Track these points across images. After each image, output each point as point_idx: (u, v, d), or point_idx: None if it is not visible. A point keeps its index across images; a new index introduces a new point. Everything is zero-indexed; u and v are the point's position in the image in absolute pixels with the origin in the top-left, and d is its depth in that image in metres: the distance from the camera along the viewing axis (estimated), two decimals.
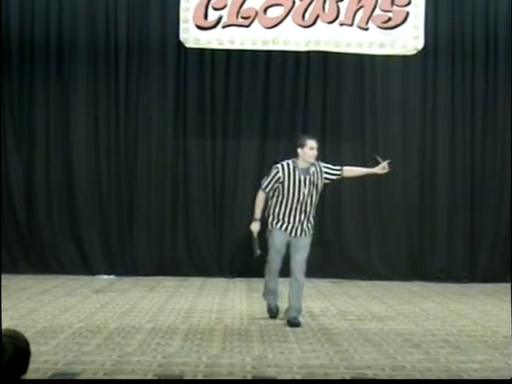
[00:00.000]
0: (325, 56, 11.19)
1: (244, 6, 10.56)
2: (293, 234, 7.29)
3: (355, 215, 11.60)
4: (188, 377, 5.18)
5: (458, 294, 10.14)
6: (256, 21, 10.54)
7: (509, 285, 10.82)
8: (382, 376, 5.33)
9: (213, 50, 11.07)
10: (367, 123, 11.63)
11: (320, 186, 7.34)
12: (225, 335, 6.81)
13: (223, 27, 10.56)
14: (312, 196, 7.27)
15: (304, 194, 7.22)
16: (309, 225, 7.33)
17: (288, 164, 7.30)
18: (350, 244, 11.52)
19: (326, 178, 7.41)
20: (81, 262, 11.37)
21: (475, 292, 10.35)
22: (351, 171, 7.79)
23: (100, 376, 5.15)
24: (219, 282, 10.77)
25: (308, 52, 11.02)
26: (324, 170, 7.38)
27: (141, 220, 11.48)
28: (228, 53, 11.23)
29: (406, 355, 6.02)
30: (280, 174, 7.26)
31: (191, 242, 11.54)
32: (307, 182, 7.24)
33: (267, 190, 7.32)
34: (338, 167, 7.52)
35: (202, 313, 8.13)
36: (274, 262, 7.36)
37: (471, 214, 11.60)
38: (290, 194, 7.23)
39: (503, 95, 11.51)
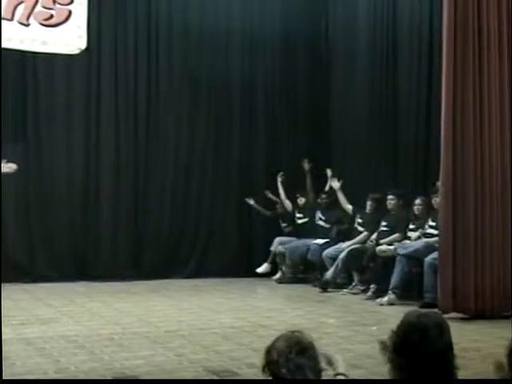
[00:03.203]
0: None
1: None
2: None
3: (17, 217, 11.25)
4: None
5: (123, 292, 10.26)
6: None
7: (170, 281, 11.31)
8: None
9: None
10: (29, 122, 11.37)
11: None
12: None
13: None
14: None
15: None
16: None
17: None
18: (11, 247, 11.11)
19: None
20: None
21: (139, 289, 10.56)
22: None
23: None
24: None
25: None
26: None
27: None
28: None
29: (70, 357, 5.99)
30: None
31: None
32: None
33: None
34: None
35: None
36: None
37: (135, 213, 11.82)
38: None
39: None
